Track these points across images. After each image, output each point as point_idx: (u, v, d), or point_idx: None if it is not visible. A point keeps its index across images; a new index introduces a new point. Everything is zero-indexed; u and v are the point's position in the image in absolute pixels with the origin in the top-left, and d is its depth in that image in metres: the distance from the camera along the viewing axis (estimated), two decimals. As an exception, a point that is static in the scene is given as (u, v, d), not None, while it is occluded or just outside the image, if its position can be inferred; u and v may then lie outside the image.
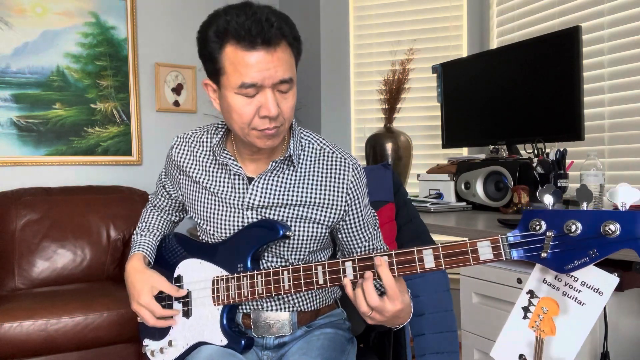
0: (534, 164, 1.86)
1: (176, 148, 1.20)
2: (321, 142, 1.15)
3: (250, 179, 1.12)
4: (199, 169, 1.17)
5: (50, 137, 2.78)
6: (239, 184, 1.12)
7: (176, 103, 3.12)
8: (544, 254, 0.82)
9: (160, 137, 3.06)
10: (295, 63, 1.03)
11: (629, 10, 1.96)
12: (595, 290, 0.84)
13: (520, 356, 0.88)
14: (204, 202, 1.16)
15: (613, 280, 0.83)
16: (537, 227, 0.83)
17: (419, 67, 2.68)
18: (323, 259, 1.16)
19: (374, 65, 2.92)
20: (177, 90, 3.12)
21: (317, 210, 1.11)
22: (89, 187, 2.73)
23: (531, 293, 0.88)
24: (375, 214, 1.26)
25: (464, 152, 2.70)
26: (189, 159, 1.18)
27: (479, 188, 2.03)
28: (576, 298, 0.85)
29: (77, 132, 2.84)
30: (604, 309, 1.29)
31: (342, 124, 3.03)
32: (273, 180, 1.11)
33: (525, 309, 0.88)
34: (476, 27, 2.70)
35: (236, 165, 1.11)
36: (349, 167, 1.12)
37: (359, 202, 1.13)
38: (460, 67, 2.33)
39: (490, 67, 2.18)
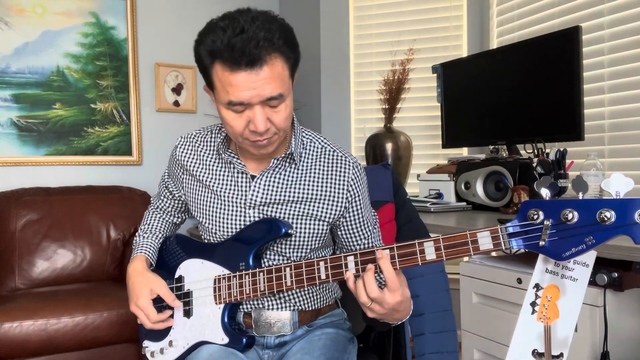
0: (534, 164, 1.86)
1: (180, 148, 1.21)
2: (322, 140, 1.17)
3: (253, 177, 1.13)
4: (203, 168, 1.18)
5: (50, 137, 2.78)
6: (242, 181, 1.14)
7: (176, 103, 3.12)
8: (542, 243, 0.84)
9: (160, 137, 3.07)
10: (292, 72, 1.02)
11: (629, 10, 1.96)
12: (584, 264, 0.87)
13: (533, 351, 0.89)
14: (207, 201, 1.16)
15: (593, 253, 0.87)
16: (535, 217, 0.85)
17: (419, 67, 2.68)
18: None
19: (374, 65, 2.92)
20: (177, 90, 3.12)
21: (318, 205, 1.12)
22: (89, 187, 2.74)
23: (537, 286, 0.90)
24: (376, 213, 1.27)
25: (464, 152, 2.70)
26: (193, 158, 1.19)
27: (479, 188, 2.03)
28: (571, 277, 0.88)
29: (77, 132, 2.84)
30: (604, 308, 1.29)
31: (342, 124, 3.03)
32: (275, 177, 1.12)
33: (533, 304, 0.90)
34: (476, 27, 2.70)
35: (240, 163, 1.13)
36: (349, 165, 1.13)
37: (360, 200, 1.14)
38: (460, 67, 2.33)
39: (490, 67, 2.18)
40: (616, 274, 1.27)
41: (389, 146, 2.48)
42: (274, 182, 1.12)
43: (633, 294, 1.36)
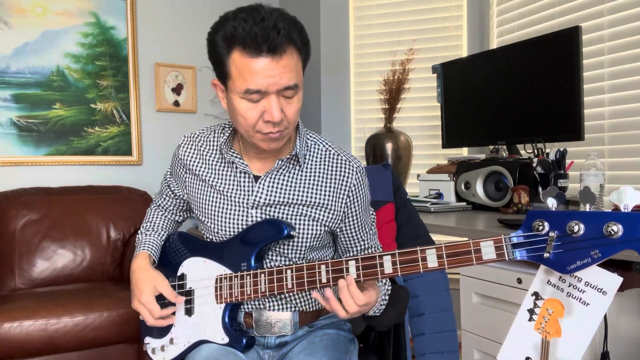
0: (534, 164, 1.86)
1: (183, 147, 1.21)
2: (326, 143, 1.18)
3: (256, 177, 1.13)
4: (206, 168, 1.18)
5: (50, 137, 2.77)
6: (245, 181, 1.14)
7: (176, 103, 3.12)
8: (546, 254, 0.83)
9: (160, 137, 3.06)
10: (303, 66, 1.04)
11: (629, 10, 1.96)
12: (599, 290, 0.84)
13: (527, 359, 0.88)
14: (210, 200, 1.17)
15: (616, 280, 0.83)
16: (540, 228, 0.83)
17: (419, 67, 2.68)
18: (324, 258, 1.17)
19: (374, 65, 2.92)
20: (177, 90, 3.12)
21: (319, 209, 1.13)
22: (89, 187, 2.73)
23: (536, 295, 0.89)
24: (374, 213, 1.27)
25: (464, 152, 2.70)
26: (196, 158, 1.19)
27: (479, 188, 2.03)
28: (580, 298, 0.85)
29: (77, 132, 2.84)
30: (604, 308, 1.29)
31: (342, 124, 3.03)
32: (279, 178, 1.13)
33: (531, 311, 0.88)
34: (476, 27, 2.70)
35: (243, 163, 1.13)
36: (352, 170, 1.14)
37: (359, 205, 1.16)
38: (460, 67, 2.33)
39: (490, 67, 2.18)
40: (616, 274, 1.27)
41: (389, 146, 2.48)
42: (278, 183, 1.12)
43: (633, 294, 1.36)
